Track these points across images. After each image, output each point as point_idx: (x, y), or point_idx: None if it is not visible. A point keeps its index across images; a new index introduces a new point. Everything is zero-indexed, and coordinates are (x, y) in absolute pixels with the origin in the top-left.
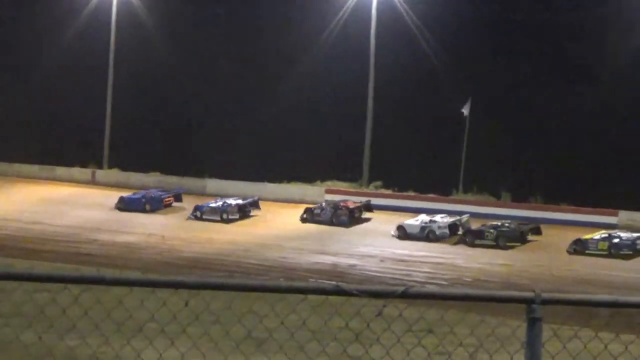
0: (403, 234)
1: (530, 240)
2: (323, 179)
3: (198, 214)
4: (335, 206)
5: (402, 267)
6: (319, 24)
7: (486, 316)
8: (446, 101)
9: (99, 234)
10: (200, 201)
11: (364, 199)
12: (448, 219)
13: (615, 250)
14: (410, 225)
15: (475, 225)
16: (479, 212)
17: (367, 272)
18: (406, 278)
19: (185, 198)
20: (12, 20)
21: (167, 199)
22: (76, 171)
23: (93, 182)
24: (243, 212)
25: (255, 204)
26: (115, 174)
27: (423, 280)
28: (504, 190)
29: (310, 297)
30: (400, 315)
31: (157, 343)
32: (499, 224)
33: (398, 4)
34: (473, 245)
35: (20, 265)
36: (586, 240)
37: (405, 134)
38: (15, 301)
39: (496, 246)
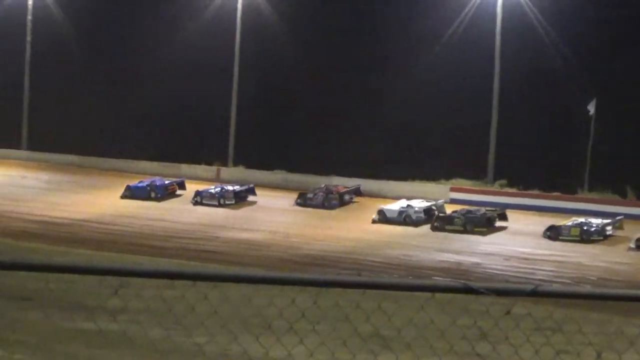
0: (383, 218)
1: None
2: (448, 177)
3: (198, 199)
4: (327, 190)
5: (526, 266)
6: (445, 21)
7: (612, 315)
8: (572, 99)
9: (222, 231)
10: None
11: (357, 184)
12: (424, 204)
13: (586, 237)
14: (390, 210)
15: (449, 210)
16: (605, 210)
17: (491, 271)
18: (531, 276)
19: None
20: (141, 16)
21: (171, 187)
22: (201, 169)
23: (218, 180)
24: (239, 197)
25: (251, 191)
26: (240, 172)
27: (548, 278)
28: (631, 188)
29: (438, 295)
30: (528, 314)
31: (286, 340)
32: (467, 210)
33: (523, 2)
34: (443, 230)
35: (135, 261)
36: (560, 226)
37: (530, 132)
38: (145, 297)
39: (464, 231)
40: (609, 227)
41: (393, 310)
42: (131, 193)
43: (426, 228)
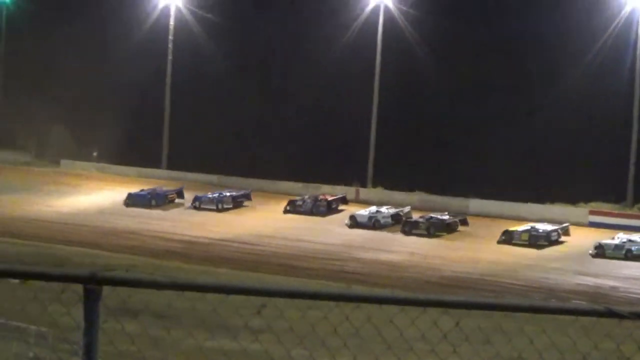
0: (354, 222)
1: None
2: (587, 200)
3: (197, 204)
4: (315, 198)
5: None
6: (585, 44)
7: None
8: None
9: (362, 252)
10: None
11: (340, 194)
12: (392, 210)
13: (533, 241)
14: (360, 215)
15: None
16: None
17: (631, 295)
18: None
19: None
20: (284, 38)
21: (170, 196)
22: (340, 189)
23: (357, 200)
24: (236, 202)
25: (247, 196)
26: (378, 193)
27: None
28: None
29: (581, 319)
30: None
31: None
32: (431, 215)
33: None
34: (410, 234)
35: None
36: (512, 231)
37: None
38: (290, 318)
39: (427, 235)
40: (554, 233)
41: (535, 333)
42: (132, 201)
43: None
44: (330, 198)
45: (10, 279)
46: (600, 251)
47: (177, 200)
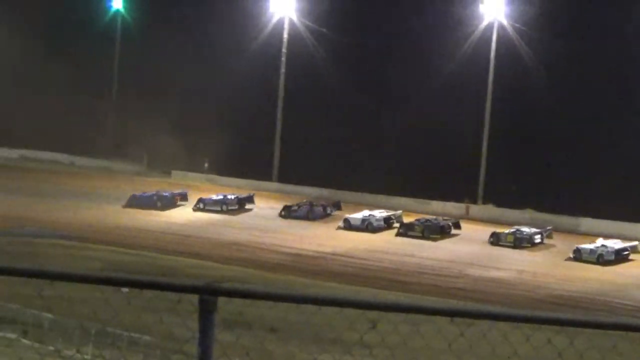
0: (347, 225)
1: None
2: None
3: (201, 205)
4: (311, 204)
5: None
6: None
7: None
8: None
9: (470, 269)
10: (576, 242)
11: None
12: (384, 214)
13: (517, 243)
14: (354, 219)
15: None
16: None
17: None
18: None
19: (556, 236)
20: (395, 52)
21: (176, 198)
22: (450, 206)
23: (467, 217)
24: (241, 204)
25: (250, 199)
26: (489, 210)
27: None
28: None
29: None
30: None
31: None
32: (426, 219)
33: None
34: (405, 236)
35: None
36: (499, 233)
37: None
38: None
39: (422, 237)
40: (537, 236)
41: (628, 350)
42: (136, 202)
43: None
44: (325, 203)
45: (121, 288)
46: None
47: (179, 203)
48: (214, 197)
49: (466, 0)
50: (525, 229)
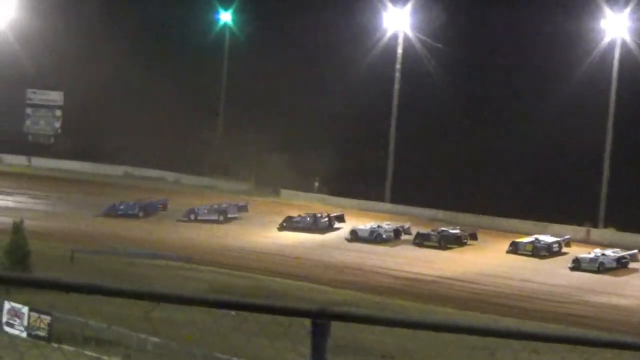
0: (355, 236)
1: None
2: None
3: (193, 216)
4: (315, 215)
5: None
6: None
7: None
8: None
9: (590, 295)
10: None
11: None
12: (393, 225)
13: (535, 252)
14: (361, 230)
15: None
16: None
17: None
18: None
19: None
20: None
21: (160, 207)
22: (570, 229)
23: (587, 241)
24: (245, 210)
25: (243, 208)
26: (610, 234)
27: None
28: None
29: None
30: None
31: None
32: (443, 229)
33: None
34: (422, 246)
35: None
36: (518, 242)
37: None
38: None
39: (439, 247)
40: (555, 245)
41: None
42: (116, 212)
43: None
44: (332, 214)
45: (231, 311)
46: None
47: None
48: (207, 206)
49: (587, 16)
50: (545, 238)
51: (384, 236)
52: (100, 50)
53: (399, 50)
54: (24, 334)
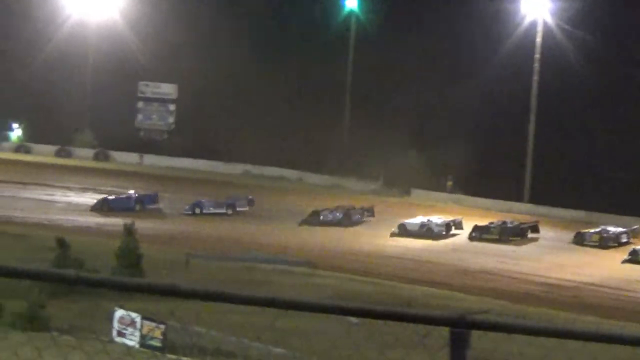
0: (403, 231)
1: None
2: None
3: (197, 210)
4: (346, 208)
5: None
6: None
7: None
8: None
9: None
10: None
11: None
12: (444, 219)
13: (602, 243)
14: (411, 224)
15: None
16: None
17: None
18: None
19: None
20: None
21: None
22: None
23: None
24: (250, 204)
25: (251, 202)
26: None
27: None
28: None
29: None
30: None
31: None
32: (503, 221)
33: None
34: (480, 240)
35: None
36: (584, 233)
37: None
38: None
39: (499, 240)
40: (623, 235)
41: None
42: (109, 207)
43: None
44: (366, 206)
45: (351, 318)
46: None
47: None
48: (214, 201)
49: None
50: (611, 228)
51: (435, 230)
52: (216, 41)
53: (538, 39)
54: (137, 344)
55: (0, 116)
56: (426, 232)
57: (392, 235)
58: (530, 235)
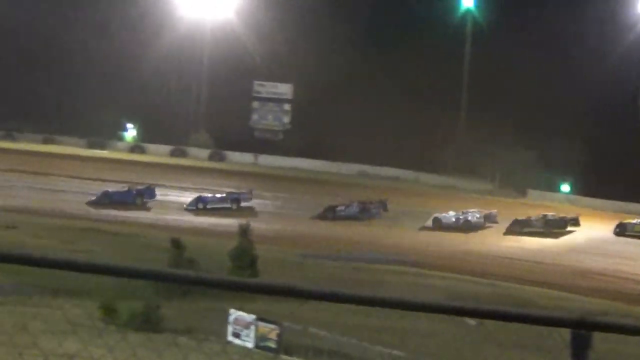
0: (439, 225)
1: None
2: None
3: (201, 205)
4: (362, 203)
5: None
6: None
7: None
8: None
9: None
10: None
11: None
12: (479, 212)
13: None
14: (446, 217)
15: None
16: None
17: None
18: None
19: None
20: None
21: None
22: None
23: None
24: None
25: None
26: None
27: None
28: None
29: None
30: None
31: None
32: (544, 214)
33: None
34: (520, 233)
35: None
36: (626, 223)
37: None
38: None
39: (542, 233)
40: None
41: None
42: (109, 200)
43: None
44: (383, 199)
45: (468, 320)
46: None
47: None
48: (218, 195)
49: None
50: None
51: (472, 222)
52: (331, 40)
53: None
54: (252, 345)
55: (115, 117)
56: (464, 224)
57: (506, 233)
58: (569, 228)
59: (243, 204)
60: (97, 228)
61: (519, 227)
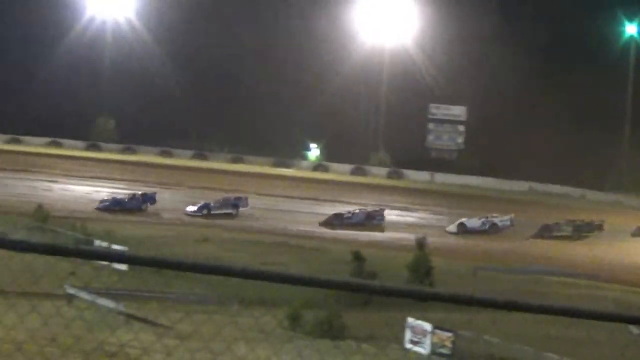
0: (463, 229)
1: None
2: None
3: (206, 211)
4: (367, 211)
5: None
6: None
7: None
8: None
9: None
10: None
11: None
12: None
13: None
14: (470, 221)
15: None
16: None
17: None
18: None
19: None
20: None
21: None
22: None
23: None
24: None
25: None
26: None
27: None
28: None
29: None
30: None
31: None
32: (570, 219)
33: None
34: (549, 238)
35: None
36: None
37: None
38: None
39: (571, 237)
40: None
41: None
42: (112, 205)
43: None
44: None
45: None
46: None
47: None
48: (221, 200)
49: None
50: None
51: (499, 225)
52: (502, 64)
53: None
54: (427, 352)
55: (299, 137)
56: (490, 228)
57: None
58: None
59: (241, 209)
60: (285, 242)
61: (548, 232)
